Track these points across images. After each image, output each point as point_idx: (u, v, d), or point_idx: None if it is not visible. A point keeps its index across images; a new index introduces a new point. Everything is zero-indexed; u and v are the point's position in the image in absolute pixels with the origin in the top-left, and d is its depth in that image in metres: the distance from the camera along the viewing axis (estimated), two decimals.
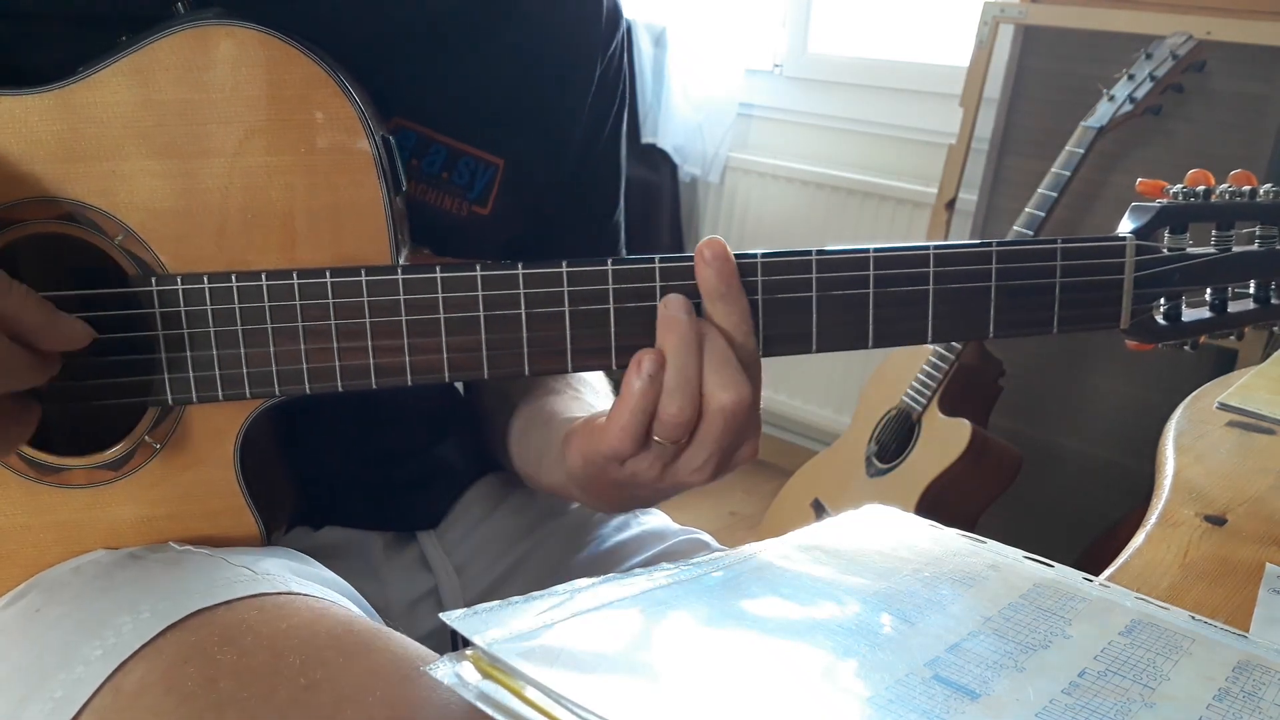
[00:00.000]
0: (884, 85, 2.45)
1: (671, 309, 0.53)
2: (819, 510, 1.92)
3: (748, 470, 2.86)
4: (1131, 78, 1.65)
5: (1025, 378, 1.92)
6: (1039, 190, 1.68)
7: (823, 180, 2.49)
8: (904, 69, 2.42)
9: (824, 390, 2.53)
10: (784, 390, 2.61)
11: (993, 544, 0.55)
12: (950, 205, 2.00)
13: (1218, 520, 0.66)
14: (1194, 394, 0.89)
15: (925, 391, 1.77)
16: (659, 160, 2.67)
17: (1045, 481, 1.91)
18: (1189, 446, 0.77)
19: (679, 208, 2.76)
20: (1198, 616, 0.49)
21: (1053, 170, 1.68)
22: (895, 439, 1.82)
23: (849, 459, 1.90)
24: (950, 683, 0.40)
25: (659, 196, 2.68)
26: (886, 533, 0.56)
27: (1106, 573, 0.57)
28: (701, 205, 2.78)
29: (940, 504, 1.70)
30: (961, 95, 1.97)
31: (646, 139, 2.64)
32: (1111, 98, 1.65)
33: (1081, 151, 1.65)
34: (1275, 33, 1.60)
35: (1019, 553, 0.54)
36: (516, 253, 0.71)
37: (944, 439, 1.72)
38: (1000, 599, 0.48)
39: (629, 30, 2.71)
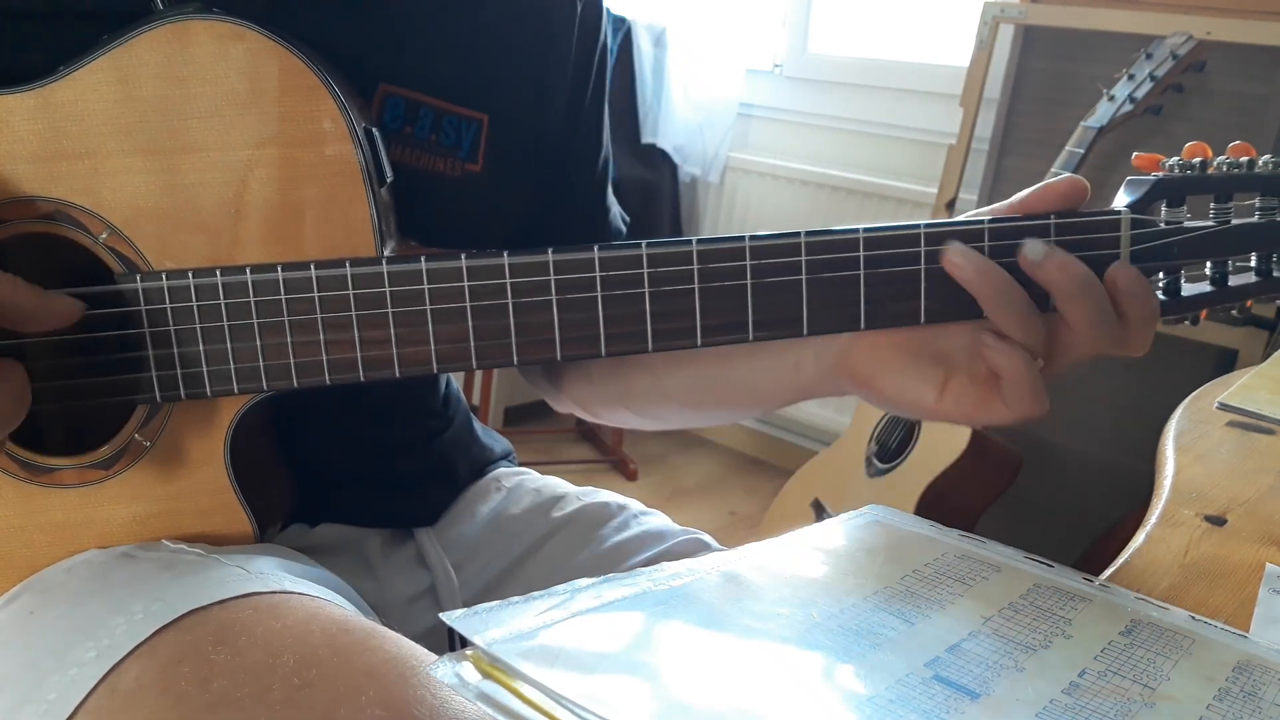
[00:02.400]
0: (884, 85, 2.45)
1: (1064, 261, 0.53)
2: (819, 510, 1.92)
3: (748, 470, 2.85)
4: (1131, 78, 1.65)
5: None
6: None
7: (823, 180, 2.49)
8: (904, 69, 2.42)
9: None
10: None
11: (993, 544, 0.55)
12: (950, 205, 2.00)
13: (1218, 520, 0.66)
14: (1194, 394, 0.89)
15: None
16: (659, 160, 2.67)
17: (1045, 481, 1.91)
18: (1189, 446, 0.77)
19: (679, 208, 2.76)
20: (1198, 616, 0.49)
21: (1052, 170, 1.68)
22: (895, 439, 1.82)
23: (849, 459, 1.90)
24: (950, 683, 0.40)
25: (659, 196, 2.68)
26: (886, 533, 0.56)
27: (1106, 573, 0.57)
28: (701, 205, 2.78)
29: (940, 504, 1.70)
30: (961, 95, 1.97)
31: (646, 139, 2.64)
32: (1111, 98, 1.65)
33: (1081, 151, 1.65)
34: (1275, 33, 1.60)
35: (1019, 553, 0.54)
36: (511, 229, 0.71)
37: (944, 439, 1.72)
38: (1000, 599, 0.48)
39: (629, 30, 2.71)
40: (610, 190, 0.79)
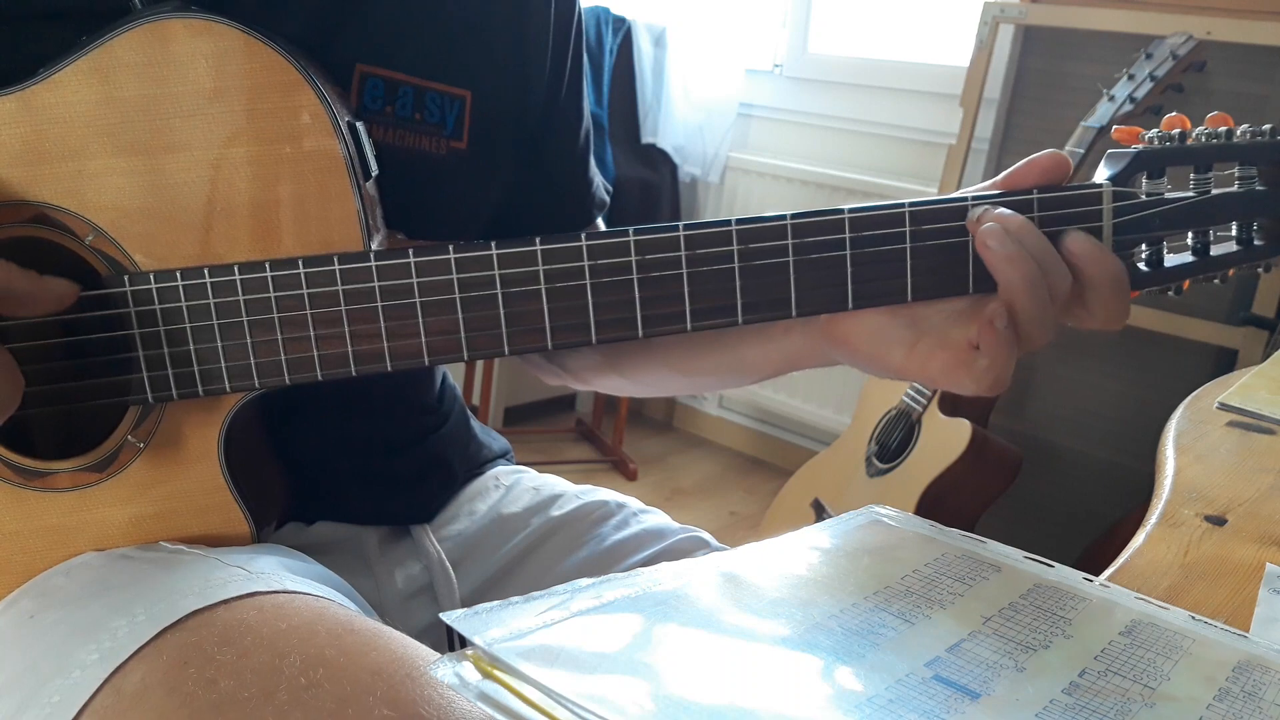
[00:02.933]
0: (884, 85, 2.45)
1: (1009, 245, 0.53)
2: (819, 510, 1.92)
3: (748, 470, 2.85)
4: (1131, 78, 1.65)
5: (1025, 378, 1.92)
6: None
7: (823, 180, 2.49)
8: (904, 69, 2.42)
9: (824, 390, 2.53)
10: (784, 390, 2.61)
11: (993, 544, 0.55)
12: None
13: (1218, 520, 0.66)
14: (1194, 394, 0.89)
15: (925, 391, 1.77)
16: (659, 160, 2.67)
17: (1045, 481, 1.91)
18: (1189, 446, 0.77)
19: (679, 208, 2.76)
20: (1198, 616, 0.49)
21: None
22: (895, 439, 1.82)
23: (849, 459, 1.90)
24: (950, 683, 0.40)
25: (659, 196, 2.68)
26: (886, 533, 0.56)
27: (1106, 573, 0.57)
28: (701, 205, 2.78)
29: (940, 504, 1.70)
30: (961, 95, 1.97)
31: (646, 139, 2.64)
32: (1111, 98, 1.65)
33: (1081, 151, 1.65)
34: (1275, 33, 1.60)
35: (1019, 553, 0.54)
36: (495, 206, 0.71)
37: (944, 439, 1.72)
38: (1000, 599, 0.48)
39: (629, 30, 2.70)
40: (593, 164, 0.79)
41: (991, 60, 1.93)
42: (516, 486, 0.81)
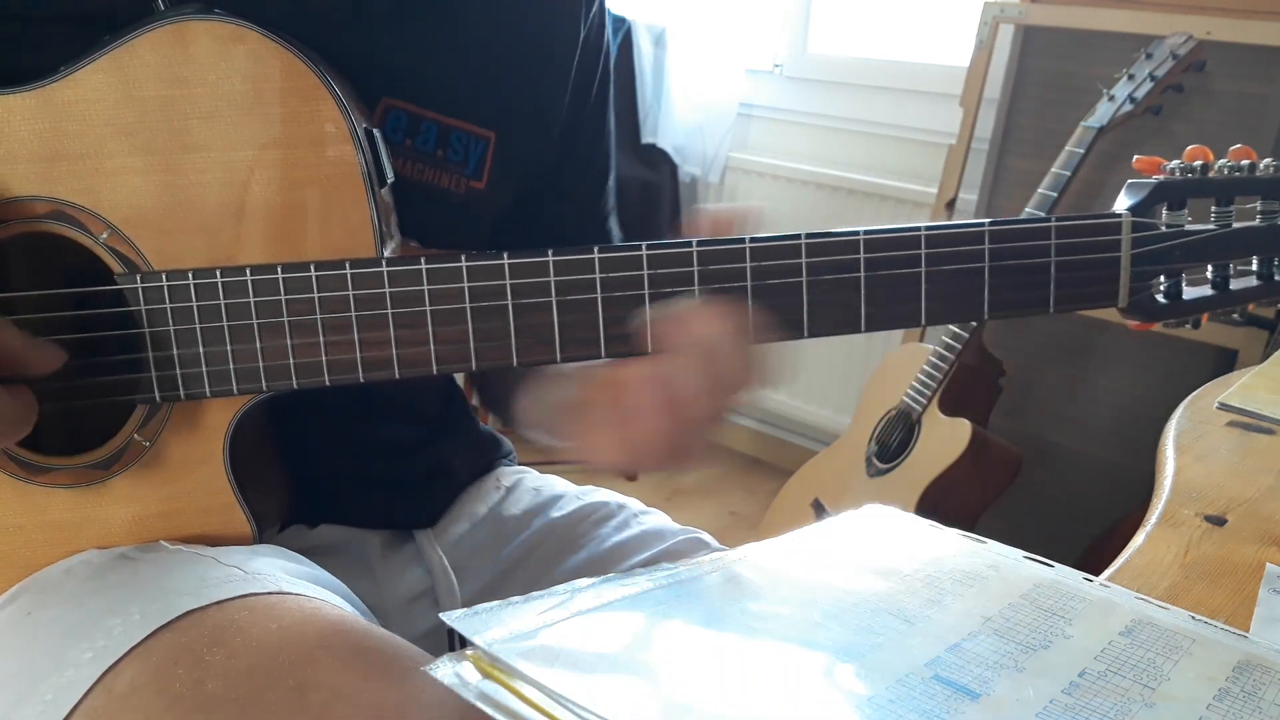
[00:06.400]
0: (884, 85, 2.45)
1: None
2: (819, 510, 1.92)
3: (748, 470, 2.84)
4: (1131, 78, 1.65)
5: (1025, 378, 1.92)
6: (1039, 190, 1.68)
7: (823, 180, 2.49)
8: (904, 69, 2.42)
9: (824, 390, 2.53)
10: (784, 390, 2.61)
11: (993, 544, 0.55)
12: (950, 205, 2.00)
13: (1218, 520, 0.66)
14: (1194, 394, 0.89)
15: (925, 391, 1.77)
16: (659, 160, 2.67)
17: (1045, 481, 1.91)
18: (1189, 446, 0.77)
19: (679, 208, 2.76)
20: (1198, 616, 0.49)
21: (1053, 170, 1.68)
22: (895, 439, 1.82)
23: (849, 459, 1.90)
24: (950, 683, 0.40)
25: (659, 196, 2.68)
26: (886, 533, 0.56)
27: (1106, 573, 0.57)
28: (702, 205, 2.78)
29: (940, 504, 1.70)
30: (961, 95, 1.97)
31: (646, 139, 2.64)
32: (1111, 98, 1.65)
33: (1081, 151, 1.65)
34: (1275, 33, 1.60)
35: (1019, 553, 0.54)
36: (505, 232, 0.71)
37: (944, 439, 1.72)
38: (1000, 599, 0.48)
39: (629, 30, 2.70)
40: (611, 215, 0.79)
41: (991, 60, 1.92)
42: (518, 487, 0.81)
